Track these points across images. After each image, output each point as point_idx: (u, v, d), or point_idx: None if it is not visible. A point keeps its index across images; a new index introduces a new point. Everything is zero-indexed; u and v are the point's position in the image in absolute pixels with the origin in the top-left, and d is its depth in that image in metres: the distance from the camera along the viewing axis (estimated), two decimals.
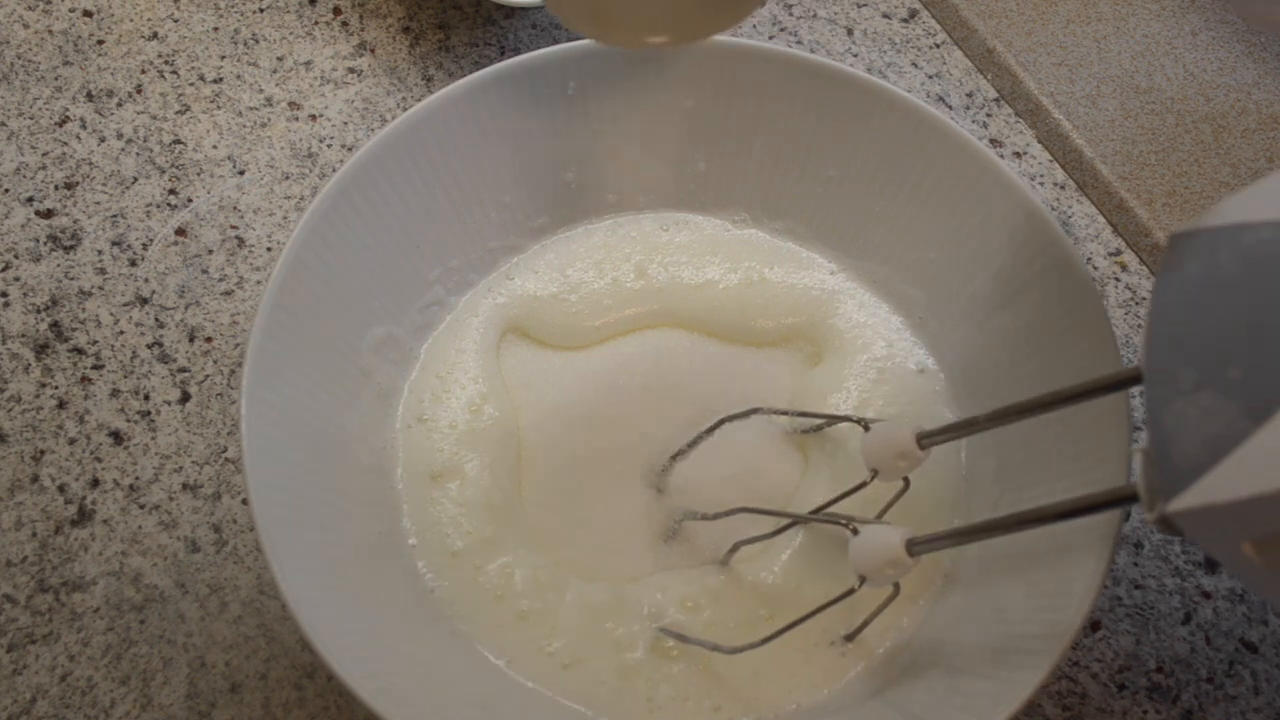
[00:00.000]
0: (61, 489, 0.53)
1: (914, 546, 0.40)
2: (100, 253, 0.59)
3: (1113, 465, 0.43)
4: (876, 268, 0.56)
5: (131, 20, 0.67)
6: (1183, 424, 0.30)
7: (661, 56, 0.53)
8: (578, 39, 0.50)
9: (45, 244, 0.59)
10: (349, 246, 0.49)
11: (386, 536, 0.49)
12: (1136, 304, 0.62)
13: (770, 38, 0.69)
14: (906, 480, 0.46)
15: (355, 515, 0.48)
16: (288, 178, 0.62)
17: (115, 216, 0.60)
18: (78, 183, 0.61)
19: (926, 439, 0.43)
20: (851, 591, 0.42)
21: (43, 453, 0.54)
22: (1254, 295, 0.30)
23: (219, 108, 0.65)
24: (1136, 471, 0.34)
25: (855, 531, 0.43)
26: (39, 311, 0.57)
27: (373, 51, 0.67)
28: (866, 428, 0.46)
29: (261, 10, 0.68)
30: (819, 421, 0.51)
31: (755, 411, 0.51)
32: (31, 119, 0.63)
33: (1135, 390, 0.58)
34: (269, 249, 0.60)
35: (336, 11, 0.68)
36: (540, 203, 0.56)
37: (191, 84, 0.65)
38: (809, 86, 0.53)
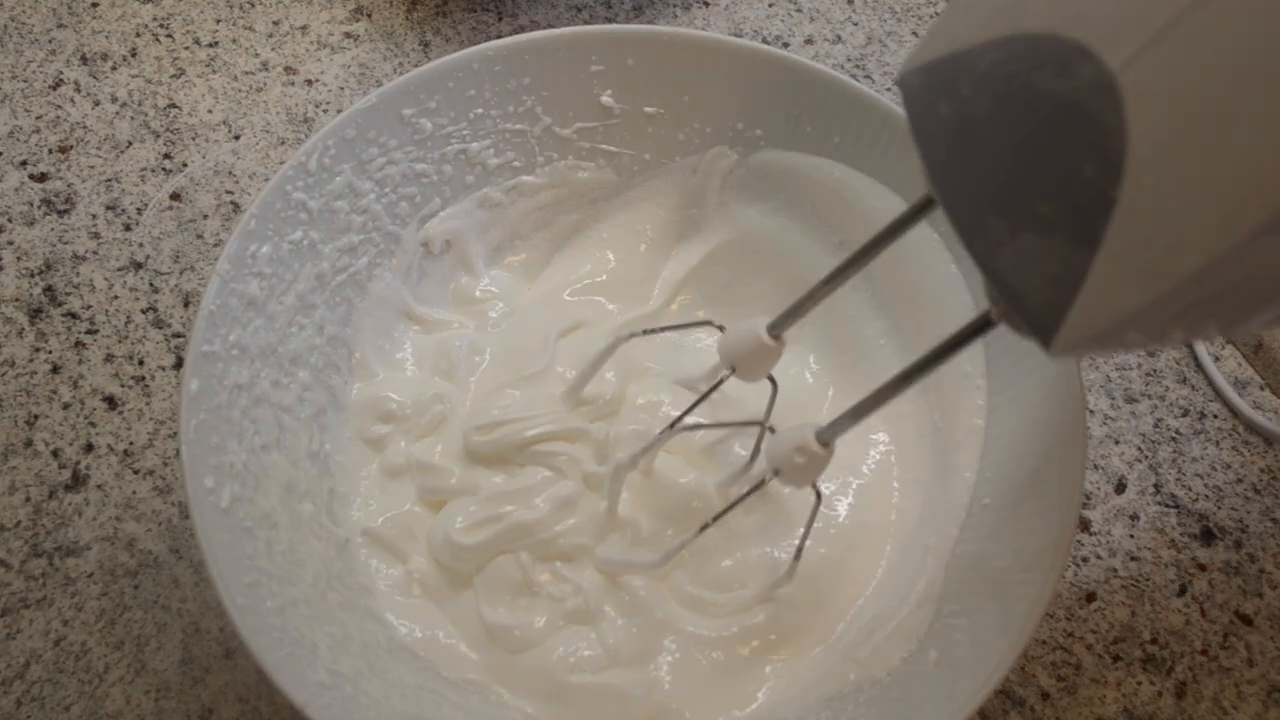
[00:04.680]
0: (55, 454, 0.53)
1: (822, 434, 0.40)
2: (94, 217, 0.59)
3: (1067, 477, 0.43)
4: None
5: None
6: (1021, 272, 0.29)
7: (669, 54, 0.52)
8: (585, 26, 0.49)
9: (39, 208, 0.59)
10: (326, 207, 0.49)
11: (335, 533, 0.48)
12: None
13: (770, 5, 0.69)
14: (773, 381, 0.46)
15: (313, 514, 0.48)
16: (283, 143, 0.62)
17: (109, 181, 0.60)
18: (72, 146, 0.61)
19: (774, 328, 0.42)
20: (763, 484, 0.43)
21: (36, 417, 0.53)
22: (1015, 122, 0.28)
23: (214, 72, 0.64)
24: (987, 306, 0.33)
25: (772, 430, 0.46)
26: (33, 276, 0.57)
27: (369, 16, 0.67)
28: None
29: None
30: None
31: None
32: (25, 82, 0.63)
33: (1096, 420, 0.58)
34: None
35: None
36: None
37: (186, 48, 0.65)
38: (788, 82, 0.52)
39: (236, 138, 0.62)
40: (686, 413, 0.46)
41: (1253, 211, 0.24)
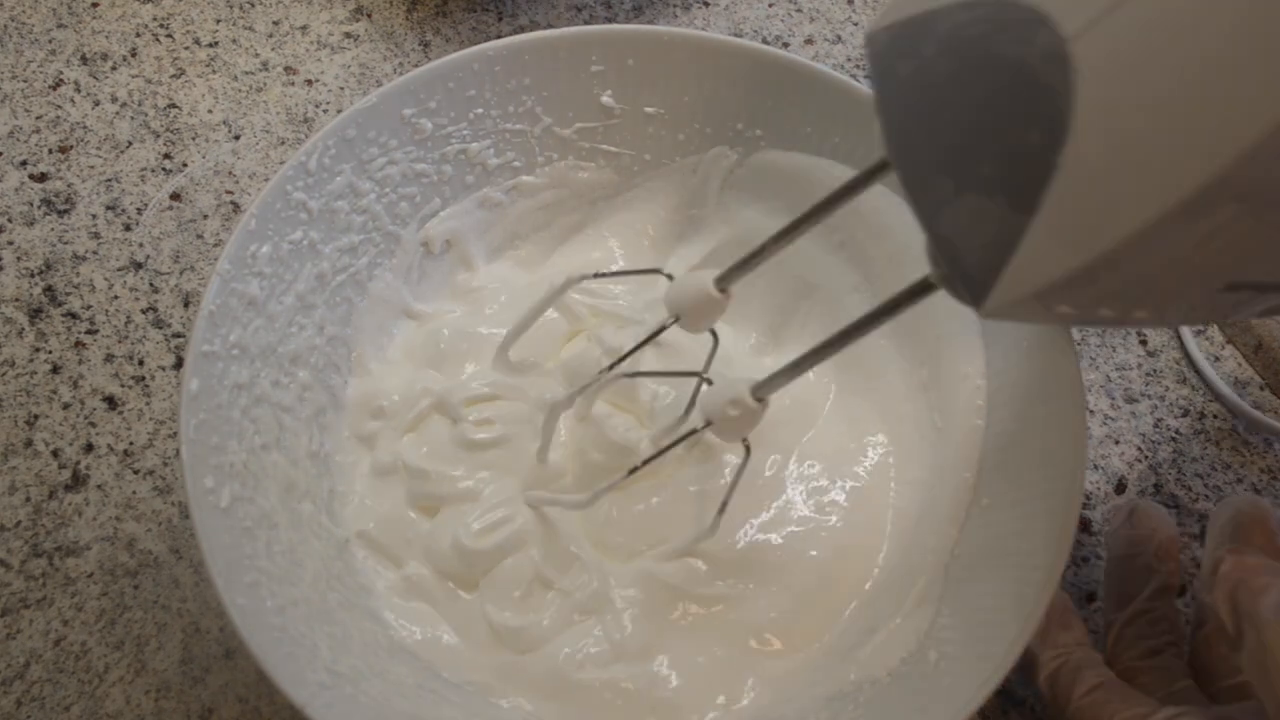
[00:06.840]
0: (55, 454, 0.53)
1: (757, 389, 0.40)
2: (94, 217, 0.59)
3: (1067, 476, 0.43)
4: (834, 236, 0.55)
5: None
6: (960, 231, 0.29)
7: (668, 52, 0.52)
8: (585, 26, 0.49)
9: (39, 208, 0.59)
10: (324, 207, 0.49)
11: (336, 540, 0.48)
12: None
13: (770, 5, 0.69)
14: (714, 334, 0.46)
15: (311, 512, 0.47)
16: (283, 143, 0.62)
17: (110, 181, 0.60)
18: (72, 146, 0.61)
19: (722, 281, 0.42)
20: (694, 432, 0.43)
21: (36, 417, 0.53)
22: (969, 85, 0.29)
23: (214, 72, 0.64)
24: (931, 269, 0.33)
25: (710, 382, 0.46)
26: (33, 275, 0.57)
27: (369, 16, 0.67)
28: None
29: None
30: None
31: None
32: (25, 82, 0.63)
33: (1091, 406, 0.58)
34: None
35: None
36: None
37: (186, 48, 0.65)
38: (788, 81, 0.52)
39: (236, 138, 0.62)
40: (624, 357, 0.46)
41: (1177, 187, 0.24)
